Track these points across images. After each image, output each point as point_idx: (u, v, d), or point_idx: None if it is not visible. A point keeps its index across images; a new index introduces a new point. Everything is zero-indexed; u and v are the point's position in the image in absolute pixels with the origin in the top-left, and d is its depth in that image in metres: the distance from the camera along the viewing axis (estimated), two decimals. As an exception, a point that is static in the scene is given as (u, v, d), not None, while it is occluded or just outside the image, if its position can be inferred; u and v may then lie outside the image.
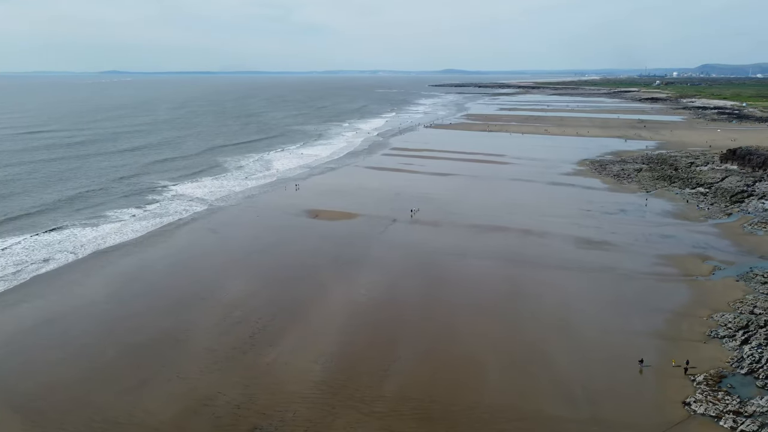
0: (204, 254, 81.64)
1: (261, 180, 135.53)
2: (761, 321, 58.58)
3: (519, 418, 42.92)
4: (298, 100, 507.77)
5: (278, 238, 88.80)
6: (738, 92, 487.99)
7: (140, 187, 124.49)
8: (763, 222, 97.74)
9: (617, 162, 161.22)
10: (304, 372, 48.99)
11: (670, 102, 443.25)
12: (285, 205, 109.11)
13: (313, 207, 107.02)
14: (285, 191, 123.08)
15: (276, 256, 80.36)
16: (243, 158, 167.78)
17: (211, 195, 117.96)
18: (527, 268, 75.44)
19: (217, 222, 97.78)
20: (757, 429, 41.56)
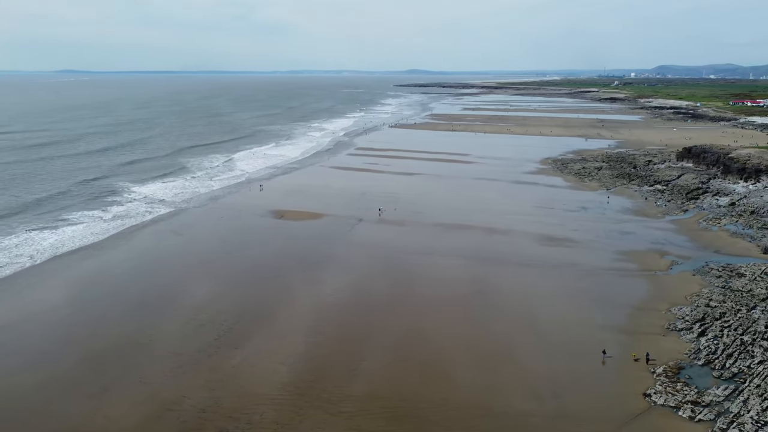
0: (167, 257, 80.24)
1: (226, 181, 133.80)
2: (716, 313, 60.53)
3: (486, 414, 43.41)
4: (263, 100, 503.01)
5: (243, 239, 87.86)
6: (693, 92, 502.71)
7: (102, 189, 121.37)
8: (717, 218, 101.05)
9: (578, 160, 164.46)
10: (270, 374, 48.58)
11: (628, 102, 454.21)
12: (250, 206, 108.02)
13: (279, 207, 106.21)
14: (249, 192, 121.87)
15: (241, 257, 79.49)
16: (208, 159, 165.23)
17: (175, 196, 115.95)
18: (492, 265, 76.34)
19: (181, 224, 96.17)
20: (714, 418, 42.96)
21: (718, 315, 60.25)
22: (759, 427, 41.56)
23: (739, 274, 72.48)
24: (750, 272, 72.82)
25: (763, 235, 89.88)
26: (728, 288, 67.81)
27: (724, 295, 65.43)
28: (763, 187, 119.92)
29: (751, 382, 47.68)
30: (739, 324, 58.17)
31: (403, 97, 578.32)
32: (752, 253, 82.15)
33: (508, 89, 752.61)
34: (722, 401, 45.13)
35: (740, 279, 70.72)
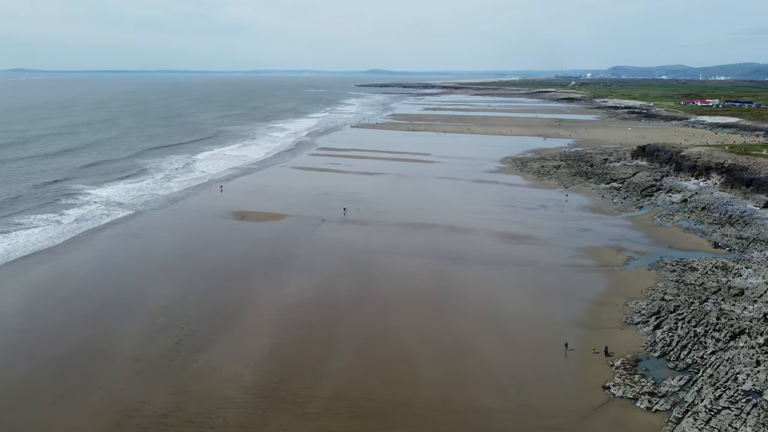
0: (125, 260, 78.36)
1: (186, 182, 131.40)
2: (671, 307, 62.49)
3: (451, 411, 43.82)
4: (224, 100, 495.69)
5: (204, 241, 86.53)
6: (646, 93, 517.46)
7: (57, 192, 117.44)
8: (670, 214, 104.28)
9: (537, 159, 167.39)
10: (234, 377, 48.00)
11: (584, 102, 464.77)
12: (210, 208, 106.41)
13: (240, 209, 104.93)
14: (210, 193, 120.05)
15: (202, 259, 78.25)
16: (168, 160, 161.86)
17: (133, 199, 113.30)
18: (455, 263, 77.07)
19: (139, 226, 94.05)
20: (669, 408, 44.35)
21: (673, 308, 62.20)
22: (712, 415, 43.10)
23: (692, 268, 74.97)
24: (702, 266, 75.40)
25: (713, 231, 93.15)
26: (682, 282, 70.07)
27: (678, 289, 67.58)
28: (713, 184, 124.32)
29: (704, 372, 49.41)
30: (693, 316, 60.19)
31: (364, 97, 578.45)
32: (703, 247, 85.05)
33: (468, 89, 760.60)
34: (677, 391, 46.62)
35: (693, 273, 73.15)
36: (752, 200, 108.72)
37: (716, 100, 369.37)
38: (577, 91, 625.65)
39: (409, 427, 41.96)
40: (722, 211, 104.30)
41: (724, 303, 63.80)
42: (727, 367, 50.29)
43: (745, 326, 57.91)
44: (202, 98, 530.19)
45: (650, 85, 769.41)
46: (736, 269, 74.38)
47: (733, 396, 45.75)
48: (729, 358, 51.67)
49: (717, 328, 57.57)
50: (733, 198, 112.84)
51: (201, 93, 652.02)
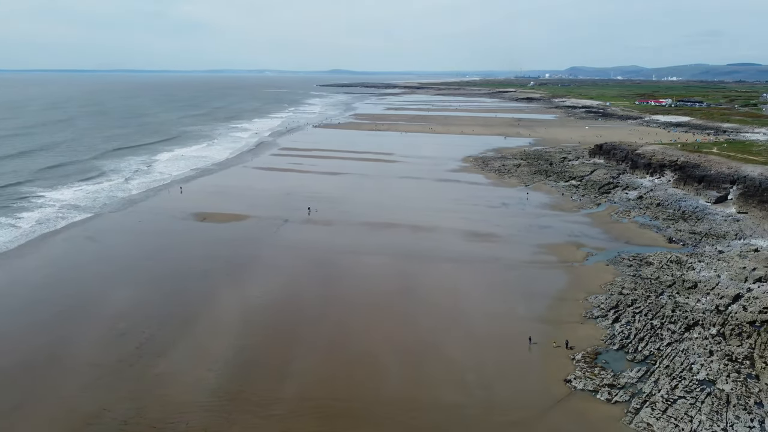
0: (82, 264, 76.31)
1: (145, 184, 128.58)
2: (629, 300, 64.17)
3: (417, 408, 44.08)
4: (185, 100, 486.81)
5: (164, 243, 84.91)
6: (602, 93, 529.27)
7: (11, 196, 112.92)
8: (626, 211, 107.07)
9: (498, 158, 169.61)
10: (197, 380, 47.25)
11: (543, 101, 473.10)
12: (170, 209, 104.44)
13: (201, 210, 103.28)
14: (170, 194, 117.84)
15: (162, 262, 76.76)
16: (126, 162, 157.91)
17: (91, 201, 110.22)
18: (419, 262, 77.50)
19: (96, 229, 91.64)
20: (628, 399, 45.57)
21: (630, 302, 63.89)
22: (669, 405, 44.46)
23: (648, 262, 77.14)
24: (657, 261, 77.65)
25: (668, 226, 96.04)
26: (638, 276, 72.02)
27: (635, 283, 69.43)
28: (667, 181, 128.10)
29: (661, 363, 50.93)
30: (649, 309, 61.94)
31: (327, 97, 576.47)
32: (659, 242, 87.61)
33: (429, 89, 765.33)
34: (636, 383, 47.92)
35: (649, 267, 75.27)
36: (704, 196, 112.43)
37: (669, 100, 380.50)
38: (536, 91, 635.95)
39: (376, 427, 42.04)
40: (676, 207, 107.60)
41: (679, 296, 65.85)
42: (683, 357, 51.95)
43: (698, 318, 59.90)
44: (162, 98, 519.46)
45: (606, 85, 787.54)
46: (689, 263, 76.83)
47: (688, 386, 47.28)
48: (684, 349, 53.37)
49: (672, 321, 59.39)
50: (686, 194, 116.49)
51: (161, 93, 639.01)
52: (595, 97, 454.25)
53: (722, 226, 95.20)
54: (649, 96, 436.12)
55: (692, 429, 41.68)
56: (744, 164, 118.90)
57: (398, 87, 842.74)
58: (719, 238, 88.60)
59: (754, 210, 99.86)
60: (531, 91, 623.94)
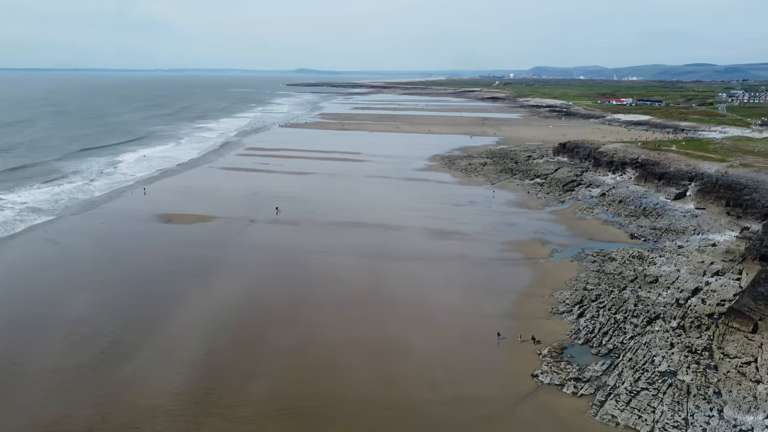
0: (43, 268, 74.16)
1: (108, 185, 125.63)
2: (593, 296, 65.48)
3: (386, 407, 44.19)
4: (148, 100, 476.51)
5: (128, 245, 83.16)
6: (565, 92, 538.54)
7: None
8: (590, 208, 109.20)
9: (465, 157, 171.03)
10: (163, 384, 46.47)
11: (508, 101, 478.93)
12: (134, 211, 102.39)
13: (165, 211, 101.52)
14: (133, 196, 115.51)
15: (126, 265, 75.18)
16: (88, 163, 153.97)
17: (52, 204, 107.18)
18: (386, 261, 77.66)
19: (58, 232, 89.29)
20: (593, 392, 46.52)
21: (594, 297, 65.20)
22: (632, 397, 45.56)
23: (611, 258, 78.83)
24: (620, 256, 79.41)
25: (630, 222, 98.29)
26: (602, 272, 73.52)
27: (599, 279, 70.88)
28: (628, 179, 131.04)
29: (624, 356, 52.13)
30: (613, 304, 63.32)
31: (293, 96, 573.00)
32: (621, 238, 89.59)
33: (396, 89, 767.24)
34: (600, 376, 48.95)
35: (612, 263, 76.92)
36: (664, 193, 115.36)
37: (630, 99, 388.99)
38: (501, 90, 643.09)
39: (345, 427, 42.01)
40: (637, 204, 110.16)
41: (641, 290, 67.47)
42: (645, 350, 53.26)
43: (659, 311, 61.49)
44: (124, 98, 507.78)
45: (569, 84, 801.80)
46: (650, 258, 78.78)
47: (651, 377, 48.54)
48: (646, 342, 54.73)
49: (635, 314, 60.83)
50: (647, 191, 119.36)
51: (123, 92, 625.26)
52: (558, 97, 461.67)
53: (681, 221, 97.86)
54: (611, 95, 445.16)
55: (655, 419, 42.79)
56: (701, 162, 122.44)
57: (365, 86, 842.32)
58: (679, 234, 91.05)
59: (711, 206, 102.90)
60: (496, 91, 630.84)
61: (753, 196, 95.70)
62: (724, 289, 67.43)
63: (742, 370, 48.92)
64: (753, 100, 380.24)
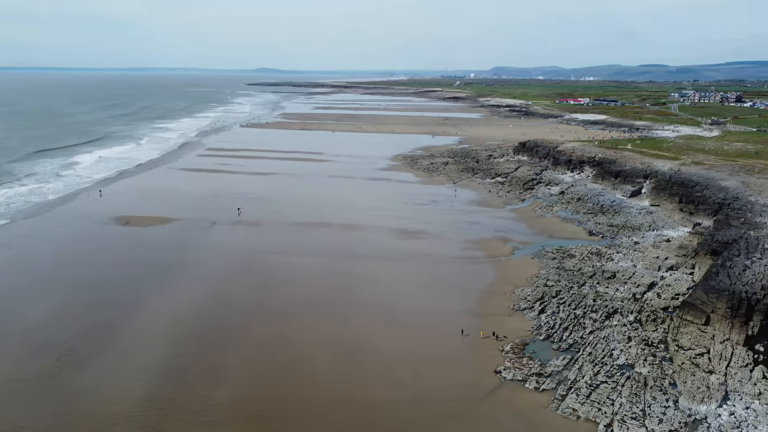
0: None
1: (63, 187, 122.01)
2: (553, 292, 66.79)
3: (352, 407, 44.26)
4: (105, 99, 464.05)
5: (84, 249, 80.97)
6: (525, 92, 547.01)
7: None
8: (549, 206, 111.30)
9: (427, 156, 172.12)
10: (124, 391, 45.49)
11: (469, 101, 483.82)
12: (91, 213, 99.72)
13: (123, 213, 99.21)
14: (89, 198, 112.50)
15: (83, 269, 73.19)
16: (43, 165, 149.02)
17: (3, 207, 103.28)
18: (350, 261, 77.64)
19: (10, 236, 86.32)
20: (555, 386, 47.51)
21: (555, 293, 66.53)
22: (592, 390, 46.68)
23: (570, 255, 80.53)
24: (579, 253, 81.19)
25: (588, 220, 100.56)
26: (562, 268, 75.06)
27: (559, 275, 72.34)
28: (586, 177, 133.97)
29: (584, 351, 53.38)
30: (572, 300, 64.73)
31: (254, 96, 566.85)
32: (580, 235, 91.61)
33: (358, 88, 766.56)
34: (561, 370, 50.01)
35: (571, 259, 78.59)
36: (620, 191, 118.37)
37: (587, 99, 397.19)
38: (462, 90, 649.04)
39: (311, 427, 41.95)
40: (595, 202, 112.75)
41: (599, 286, 69.15)
42: (604, 344, 54.64)
43: (617, 306, 63.13)
44: (81, 97, 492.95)
45: (528, 85, 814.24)
46: (608, 254, 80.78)
47: (610, 371, 49.84)
48: (605, 337, 56.14)
49: (594, 310, 62.31)
50: (604, 189, 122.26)
51: (80, 92, 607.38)
52: (518, 97, 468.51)
53: (637, 218, 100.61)
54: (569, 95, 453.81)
55: (614, 411, 43.96)
56: (656, 160, 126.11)
57: (327, 86, 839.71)
58: (635, 230, 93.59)
59: (665, 203, 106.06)
60: (457, 91, 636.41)
61: (704, 192, 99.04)
62: (678, 283, 69.66)
63: (695, 361, 50.64)
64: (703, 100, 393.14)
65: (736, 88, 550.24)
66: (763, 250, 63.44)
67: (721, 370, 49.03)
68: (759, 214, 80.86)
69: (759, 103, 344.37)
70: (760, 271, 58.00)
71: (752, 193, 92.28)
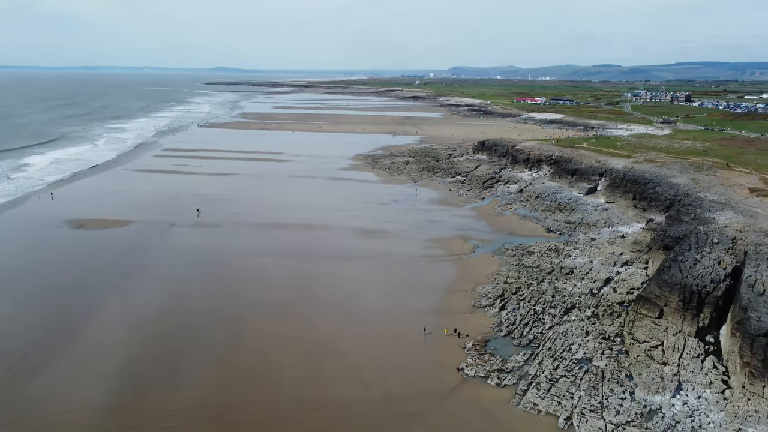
0: (-63, 281, 68.67)
1: (12, 190, 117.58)
2: (513, 289, 67.84)
3: (316, 409, 44.03)
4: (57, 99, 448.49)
5: (36, 254, 78.32)
6: (483, 92, 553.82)
7: None
8: (509, 204, 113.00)
9: (388, 156, 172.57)
10: (80, 399, 44.23)
11: (429, 100, 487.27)
12: (42, 217, 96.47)
13: (77, 216, 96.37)
14: (40, 201, 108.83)
15: (34, 275, 70.78)
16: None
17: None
18: (312, 261, 77.24)
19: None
20: (516, 381, 48.27)
21: (515, 290, 67.59)
22: (552, 384, 47.61)
23: (529, 252, 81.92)
24: (538, 250, 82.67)
25: (546, 217, 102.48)
26: (521, 265, 76.29)
27: (519, 272, 73.52)
28: (544, 175, 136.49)
29: (544, 346, 54.39)
30: (532, 296, 65.87)
31: (212, 95, 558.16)
32: (538, 232, 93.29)
33: (318, 88, 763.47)
34: (522, 366, 50.85)
35: (530, 256, 79.96)
36: (577, 188, 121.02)
37: (544, 99, 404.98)
38: (421, 90, 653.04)
39: (274, 430, 41.53)
40: (553, 199, 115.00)
41: (558, 282, 70.57)
42: (563, 339, 55.79)
43: (575, 301, 64.56)
44: (32, 97, 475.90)
45: (487, 84, 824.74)
46: (566, 251, 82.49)
47: (569, 365, 50.92)
48: (564, 332, 57.33)
49: (553, 305, 63.56)
50: (561, 187, 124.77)
51: (31, 91, 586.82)
52: (477, 96, 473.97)
53: (593, 215, 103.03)
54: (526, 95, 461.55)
55: (573, 405, 44.93)
56: (610, 158, 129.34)
57: (286, 85, 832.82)
58: (591, 227, 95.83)
59: (619, 199, 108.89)
60: (417, 90, 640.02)
61: (656, 189, 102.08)
62: (633, 278, 71.64)
63: (650, 353, 52.17)
64: (654, 100, 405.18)
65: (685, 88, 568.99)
66: (712, 245, 65.78)
67: (675, 361, 50.68)
68: (708, 209, 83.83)
69: (707, 102, 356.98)
70: (709, 265, 60.13)
71: (701, 190, 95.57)
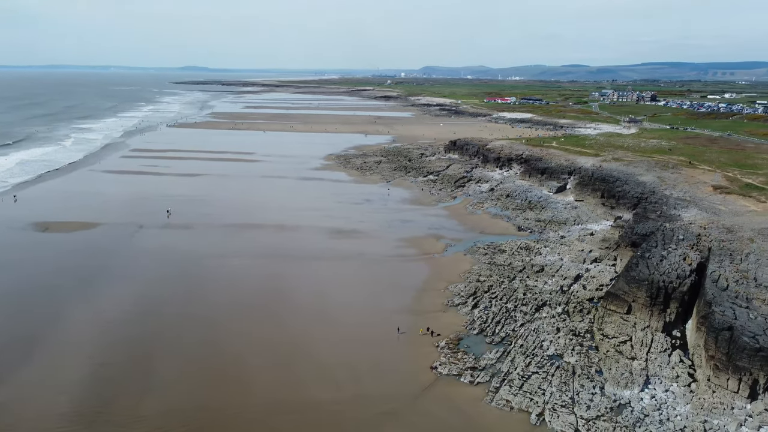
0: None
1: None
2: (485, 287, 68.45)
3: (290, 411, 43.84)
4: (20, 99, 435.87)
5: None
6: (454, 91, 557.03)
7: None
8: (480, 202, 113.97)
9: (360, 156, 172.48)
10: (47, 406, 43.24)
11: (400, 100, 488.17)
12: (5, 219, 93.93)
13: (42, 219, 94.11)
14: (2, 203, 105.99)
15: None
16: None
17: None
18: (284, 262, 76.80)
19: None
20: (489, 379, 48.75)
21: (487, 288, 68.21)
22: (524, 381, 48.20)
23: (501, 250, 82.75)
24: (509, 248, 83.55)
25: (517, 215, 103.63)
26: (493, 263, 77.02)
27: (491, 270, 74.21)
28: (514, 174, 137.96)
29: (516, 343, 55.02)
30: (504, 294, 66.57)
31: (182, 95, 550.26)
32: (510, 231, 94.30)
33: (289, 87, 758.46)
34: (495, 363, 51.37)
35: (502, 254, 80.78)
36: (546, 187, 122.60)
37: (514, 98, 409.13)
38: (393, 89, 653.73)
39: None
40: (523, 198, 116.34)
41: (529, 279, 71.44)
42: (534, 336, 56.52)
43: (546, 299, 65.44)
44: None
45: (457, 84, 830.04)
46: (536, 249, 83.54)
47: (540, 361, 51.61)
48: (535, 329, 58.07)
49: (524, 303, 64.33)
50: (531, 185, 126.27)
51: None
52: (448, 96, 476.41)
53: (563, 213, 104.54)
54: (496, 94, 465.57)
55: (545, 401, 45.56)
56: (579, 156, 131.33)
57: (257, 85, 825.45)
58: (561, 225, 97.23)
59: (588, 198, 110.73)
60: (388, 90, 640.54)
61: (624, 187, 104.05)
62: (602, 274, 72.91)
63: (619, 348, 53.19)
64: (621, 99, 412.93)
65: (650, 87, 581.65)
66: (678, 241, 67.32)
67: (643, 356, 51.77)
68: (673, 207, 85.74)
69: (672, 101, 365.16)
70: (675, 261, 61.53)
71: (667, 188, 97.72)
